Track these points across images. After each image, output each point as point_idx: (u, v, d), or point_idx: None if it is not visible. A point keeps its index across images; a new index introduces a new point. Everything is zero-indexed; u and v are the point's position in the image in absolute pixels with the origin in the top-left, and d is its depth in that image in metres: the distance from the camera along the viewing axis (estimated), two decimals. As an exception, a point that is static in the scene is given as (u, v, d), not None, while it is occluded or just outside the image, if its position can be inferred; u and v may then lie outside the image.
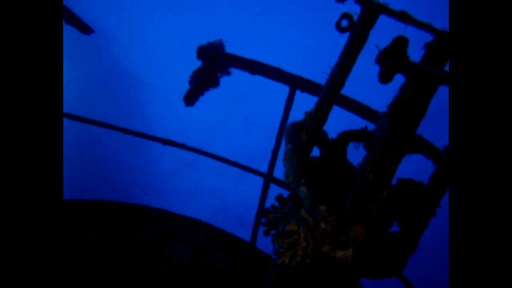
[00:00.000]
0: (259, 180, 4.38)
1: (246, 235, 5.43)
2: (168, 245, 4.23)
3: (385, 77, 1.68)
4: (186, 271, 4.12)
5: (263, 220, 2.38)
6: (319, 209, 1.85)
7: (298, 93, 3.76)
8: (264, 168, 4.39)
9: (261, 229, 3.88)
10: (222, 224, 5.40)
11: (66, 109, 4.35)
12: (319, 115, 2.42)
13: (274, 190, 3.97)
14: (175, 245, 4.28)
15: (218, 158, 4.48)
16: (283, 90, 3.73)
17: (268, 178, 4.10)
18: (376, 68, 1.89)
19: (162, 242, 4.23)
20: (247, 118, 29.45)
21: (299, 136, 2.39)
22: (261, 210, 4.29)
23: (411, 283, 4.09)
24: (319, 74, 3.79)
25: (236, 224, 24.88)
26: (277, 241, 1.93)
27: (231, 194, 28.65)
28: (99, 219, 4.17)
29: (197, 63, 3.58)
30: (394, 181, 2.04)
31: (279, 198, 2.32)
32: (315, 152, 2.66)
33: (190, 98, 3.44)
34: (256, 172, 4.40)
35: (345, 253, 1.81)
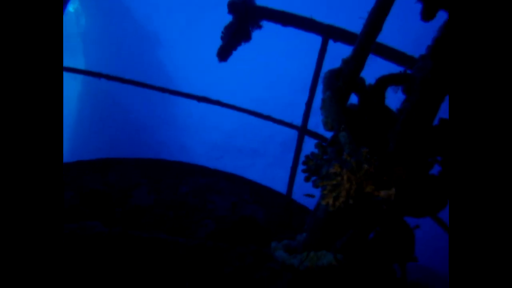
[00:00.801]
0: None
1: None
2: (208, 199, 4.43)
3: (427, 14, 1.66)
4: (227, 223, 4.33)
5: (303, 167, 2.45)
6: (361, 151, 1.90)
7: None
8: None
9: (298, 179, 3.98)
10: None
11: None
12: (356, 61, 2.41)
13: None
14: (215, 199, 4.48)
15: (252, 112, 4.54)
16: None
17: (303, 130, 4.15)
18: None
19: (203, 196, 4.43)
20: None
21: (336, 83, 2.40)
22: (296, 162, 4.38)
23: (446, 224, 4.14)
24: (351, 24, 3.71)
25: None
26: (321, 184, 2.01)
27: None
28: (143, 176, 4.38)
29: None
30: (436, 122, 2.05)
31: (319, 145, 2.37)
32: (352, 100, 2.67)
33: (223, 54, 3.47)
34: (290, 125, 4.46)
35: (388, 192, 1.87)
